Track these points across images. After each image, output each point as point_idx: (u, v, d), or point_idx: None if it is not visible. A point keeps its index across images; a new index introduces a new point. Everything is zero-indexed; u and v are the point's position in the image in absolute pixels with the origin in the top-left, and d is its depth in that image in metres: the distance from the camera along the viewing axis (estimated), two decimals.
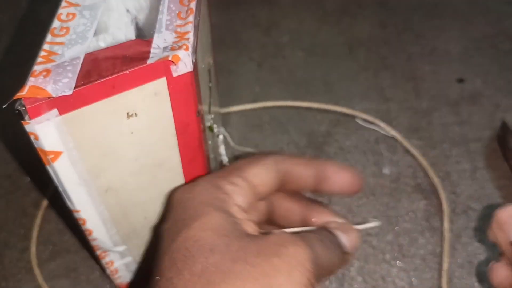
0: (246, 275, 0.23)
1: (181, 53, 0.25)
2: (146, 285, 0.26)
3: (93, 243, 0.32)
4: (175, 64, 0.25)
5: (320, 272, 0.25)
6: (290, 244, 0.24)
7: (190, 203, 0.26)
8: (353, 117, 0.50)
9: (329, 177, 0.29)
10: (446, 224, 0.41)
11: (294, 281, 0.23)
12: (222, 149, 0.43)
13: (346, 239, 0.28)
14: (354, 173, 0.29)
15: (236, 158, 0.46)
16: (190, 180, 0.30)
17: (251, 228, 0.26)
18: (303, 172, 0.29)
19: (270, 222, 0.31)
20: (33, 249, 0.41)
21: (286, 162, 0.29)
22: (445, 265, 0.39)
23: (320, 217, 0.29)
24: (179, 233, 0.25)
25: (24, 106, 0.23)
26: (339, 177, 0.29)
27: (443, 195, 0.43)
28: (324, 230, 0.28)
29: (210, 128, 0.36)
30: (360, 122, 0.50)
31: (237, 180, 0.27)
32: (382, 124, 0.49)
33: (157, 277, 0.24)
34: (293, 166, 0.29)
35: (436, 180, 0.44)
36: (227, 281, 0.22)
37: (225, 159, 0.44)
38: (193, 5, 0.29)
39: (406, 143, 0.47)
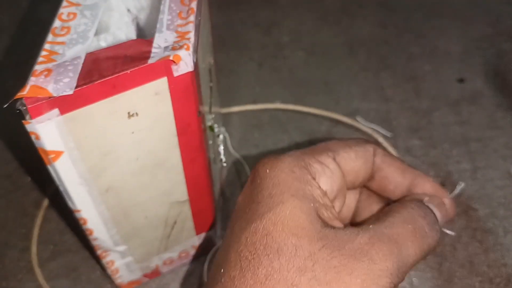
0: None
1: (182, 53, 0.25)
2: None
3: (94, 243, 0.32)
4: (176, 64, 0.25)
5: (404, 275, 0.22)
6: (366, 256, 0.21)
7: (268, 182, 0.23)
8: (354, 118, 0.50)
9: (419, 195, 0.26)
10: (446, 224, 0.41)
11: None
12: (221, 149, 0.43)
13: (441, 217, 0.25)
14: (448, 199, 0.27)
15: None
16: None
17: (330, 216, 0.23)
18: (398, 178, 0.26)
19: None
20: (33, 248, 0.41)
21: (385, 159, 0.26)
22: (446, 265, 0.39)
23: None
24: (251, 222, 0.22)
25: (25, 105, 0.23)
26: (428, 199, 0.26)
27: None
28: (424, 206, 0.25)
29: (211, 128, 0.36)
30: (360, 120, 0.49)
31: (327, 161, 0.24)
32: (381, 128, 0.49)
33: (222, 269, 0.22)
34: (391, 167, 0.26)
35: (437, 180, 0.44)
36: None
37: (223, 159, 0.44)
38: (194, 4, 0.29)
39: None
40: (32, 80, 0.23)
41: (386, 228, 0.22)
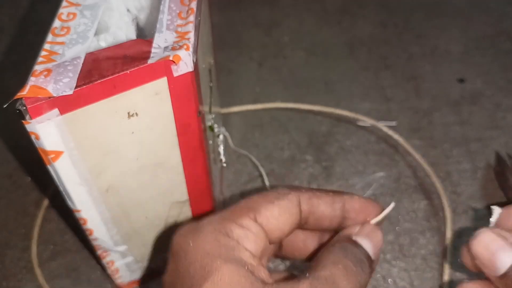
0: None
1: (182, 53, 0.25)
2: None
3: (94, 243, 0.32)
4: (176, 64, 0.25)
5: None
6: None
7: (195, 255, 0.23)
8: (354, 118, 0.50)
9: (352, 218, 0.26)
10: (447, 224, 0.41)
11: None
12: (221, 149, 0.43)
13: (372, 248, 0.25)
14: (377, 208, 0.27)
15: (242, 195, 0.45)
16: (192, 219, 0.27)
17: (265, 275, 0.23)
18: (329, 214, 0.26)
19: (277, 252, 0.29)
20: (34, 248, 0.41)
21: (311, 202, 0.26)
22: (446, 265, 0.39)
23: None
24: None
25: (25, 105, 0.23)
26: (361, 217, 0.27)
27: (444, 195, 0.43)
28: (349, 246, 0.25)
29: (211, 128, 0.36)
30: (361, 123, 0.49)
31: (248, 224, 0.24)
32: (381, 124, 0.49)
33: None
34: (319, 207, 0.26)
35: (437, 180, 0.44)
36: None
37: (223, 159, 0.44)
38: (193, 4, 0.29)
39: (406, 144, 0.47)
40: (32, 80, 0.23)
41: (321, 271, 0.23)
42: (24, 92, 0.23)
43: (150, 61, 0.24)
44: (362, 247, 0.26)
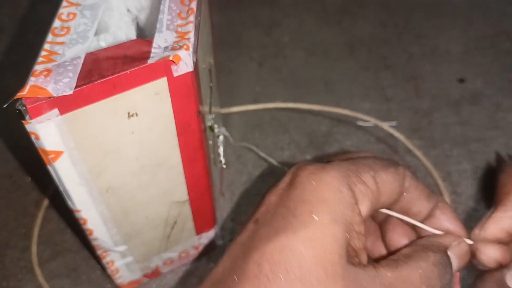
0: None
1: (182, 53, 0.25)
2: None
3: (94, 243, 0.32)
4: (176, 64, 0.25)
5: None
6: None
7: (313, 195, 0.22)
8: (354, 118, 0.50)
9: (438, 219, 0.26)
10: None
11: None
12: (221, 150, 0.43)
13: (458, 263, 0.25)
14: (461, 230, 0.26)
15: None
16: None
17: (361, 250, 0.22)
18: (423, 202, 0.26)
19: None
20: (33, 248, 0.41)
21: (412, 183, 0.25)
22: None
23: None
24: (280, 234, 0.21)
25: (24, 105, 0.23)
26: (445, 225, 0.26)
27: (444, 195, 0.43)
28: (440, 254, 0.24)
29: (211, 128, 0.36)
30: (361, 123, 0.49)
31: (370, 181, 0.23)
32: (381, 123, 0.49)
33: (235, 276, 0.20)
34: (417, 191, 0.26)
35: (437, 180, 0.44)
36: None
37: (222, 160, 0.44)
38: (194, 4, 0.29)
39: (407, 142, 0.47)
40: (32, 80, 0.23)
41: (402, 271, 0.22)
42: (24, 92, 0.23)
43: (150, 61, 0.24)
44: (451, 262, 0.25)
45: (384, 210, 0.26)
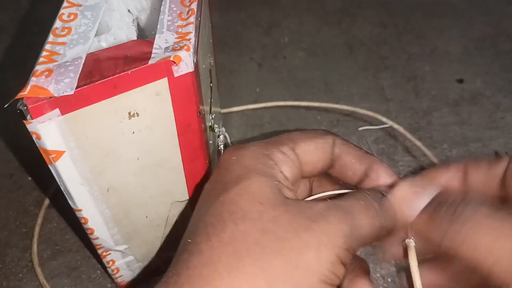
0: (273, 249, 0.22)
1: (183, 54, 0.25)
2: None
3: (95, 242, 0.32)
4: (177, 65, 0.25)
5: (358, 243, 0.24)
6: (322, 218, 0.23)
7: (235, 166, 0.25)
8: (354, 117, 0.50)
9: (374, 179, 0.27)
10: None
11: (322, 258, 0.22)
12: (221, 150, 0.43)
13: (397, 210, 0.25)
14: (395, 179, 0.27)
15: None
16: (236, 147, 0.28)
17: (290, 195, 0.25)
18: (355, 165, 0.27)
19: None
20: (34, 248, 0.41)
21: (343, 148, 0.27)
22: None
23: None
24: (217, 197, 0.24)
25: (26, 105, 0.23)
26: (382, 181, 0.27)
27: None
28: (374, 192, 0.26)
29: (211, 128, 0.36)
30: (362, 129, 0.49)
31: (287, 151, 0.26)
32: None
33: (189, 240, 0.23)
34: (348, 156, 0.27)
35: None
36: (252, 254, 0.22)
37: None
38: (194, 5, 0.29)
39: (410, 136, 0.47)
40: (33, 80, 0.23)
41: (341, 201, 0.25)
42: (25, 92, 0.23)
43: (151, 62, 0.24)
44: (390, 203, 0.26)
45: (312, 197, 0.28)
